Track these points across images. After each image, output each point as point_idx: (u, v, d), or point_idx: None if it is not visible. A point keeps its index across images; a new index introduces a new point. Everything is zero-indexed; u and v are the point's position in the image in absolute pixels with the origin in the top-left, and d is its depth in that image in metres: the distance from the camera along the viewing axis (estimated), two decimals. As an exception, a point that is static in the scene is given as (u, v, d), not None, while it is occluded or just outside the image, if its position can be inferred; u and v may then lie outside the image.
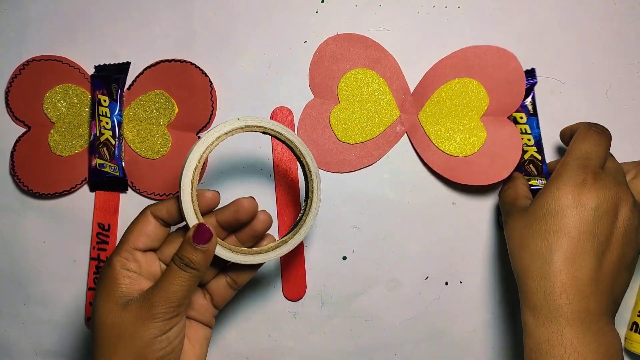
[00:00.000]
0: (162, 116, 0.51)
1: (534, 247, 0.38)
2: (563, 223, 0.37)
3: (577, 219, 0.37)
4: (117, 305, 0.35)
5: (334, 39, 0.51)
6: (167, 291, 0.36)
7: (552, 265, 0.37)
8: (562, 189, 0.38)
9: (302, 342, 0.51)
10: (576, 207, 0.37)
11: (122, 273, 0.36)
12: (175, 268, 0.36)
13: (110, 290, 0.36)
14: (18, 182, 0.51)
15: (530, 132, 0.50)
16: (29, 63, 0.52)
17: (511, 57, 0.51)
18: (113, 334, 0.35)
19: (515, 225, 0.41)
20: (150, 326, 0.35)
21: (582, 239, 0.37)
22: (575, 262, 0.36)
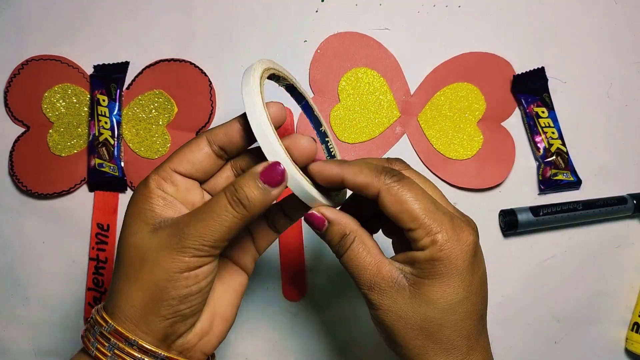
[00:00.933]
0: (162, 116, 0.51)
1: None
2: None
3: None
4: (147, 225, 0.31)
5: (336, 37, 0.51)
6: (205, 225, 0.30)
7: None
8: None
9: (302, 343, 0.51)
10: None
11: (156, 192, 0.32)
12: (224, 201, 0.30)
13: (142, 209, 0.31)
14: (17, 182, 0.51)
15: (553, 125, 0.51)
16: (28, 62, 0.51)
17: (507, 65, 0.51)
18: (137, 257, 0.31)
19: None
20: (177, 259, 0.30)
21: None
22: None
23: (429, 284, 0.30)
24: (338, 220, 0.33)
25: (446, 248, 0.30)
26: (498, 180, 0.51)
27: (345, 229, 0.32)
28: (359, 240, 0.32)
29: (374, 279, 0.31)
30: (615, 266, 0.52)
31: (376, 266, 0.32)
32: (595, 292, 0.52)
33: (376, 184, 0.31)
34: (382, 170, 0.31)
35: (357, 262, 0.32)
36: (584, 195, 0.52)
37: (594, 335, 0.52)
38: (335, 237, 0.33)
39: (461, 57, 0.51)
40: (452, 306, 0.30)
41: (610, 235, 0.52)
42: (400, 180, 0.31)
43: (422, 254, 0.30)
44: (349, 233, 0.32)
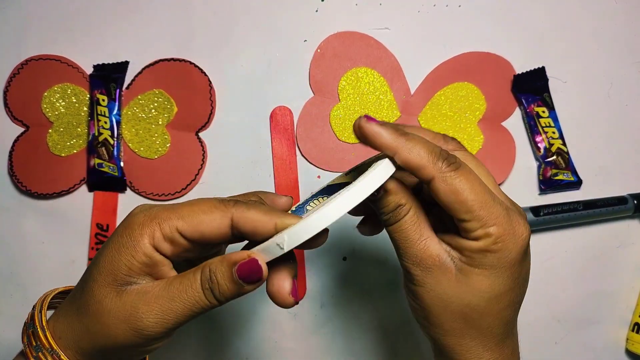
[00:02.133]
0: (161, 116, 0.51)
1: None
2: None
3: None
4: (115, 282, 0.29)
5: (336, 37, 0.51)
6: (172, 307, 0.28)
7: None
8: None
9: (302, 343, 0.51)
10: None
11: (144, 253, 0.28)
12: (198, 285, 0.29)
13: (119, 262, 0.28)
14: (16, 182, 0.51)
15: (554, 125, 0.51)
16: (28, 62, 0.51)
17: (507, 65, 0.51)
18: (97, 309, 0.29)
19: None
20: (131, 339, 0.28)
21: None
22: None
23: (478, 273, 0.30)
24: (396, 190, 0.31)
25: (501, 241, 0.29)
26: (498, 180, 0.51)
27: (402, 199, 0.31)
28: (413, 212, 0.31)
29: (421, 254, 0.30)
30: (615, 266, 0.52)
31: (425, 242, 0.31)
32: (596, 292, 0.52)
33: (431, 170, 0.29)
34: (440, 154, 0.29)
35: (407, 234, 0.31)
36: (584, 195, 0.52)
37: (594, 335, 0.52)
38: (391, 205, 0.31)
39: (461, 57, 0.51)
40: (498, 296, 0.30)
41: (610, 235, 0.52)
42: (457, 169, 0.29)
43: (475, 244, 0.29)
44: (405, 204, 0.31)
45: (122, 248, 0.29)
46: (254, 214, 0.29)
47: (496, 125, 0.52)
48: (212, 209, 0.29)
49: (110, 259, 0.29)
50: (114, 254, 0.29)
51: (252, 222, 0.29)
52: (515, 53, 0.52)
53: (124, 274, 0.29)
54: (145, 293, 0.29)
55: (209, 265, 0.29)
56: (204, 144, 0.51)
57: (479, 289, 0.30)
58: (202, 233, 0.29)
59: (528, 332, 0.52)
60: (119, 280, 0.29)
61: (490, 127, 0.51)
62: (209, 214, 0.29)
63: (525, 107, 0.51)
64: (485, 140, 0.51)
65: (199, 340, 0.51)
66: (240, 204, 0.29)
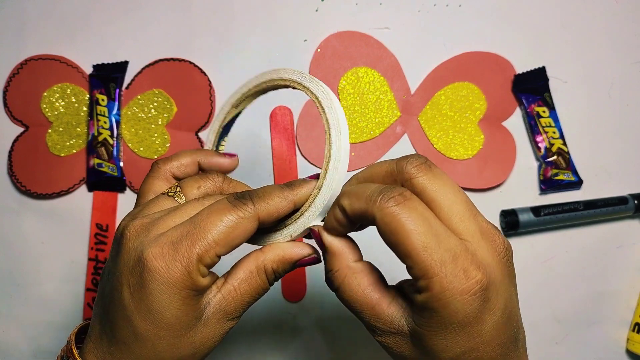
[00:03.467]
0: (161, 115, 0.51)
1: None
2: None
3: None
4: (189, 326, 0.28)
5: (336, 36, 0.51)
6: (245, 303, 0.30)
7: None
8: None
9: (302, 343, 0.51)
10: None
11: (203, 283, 0.28)
12: (266, 283, 0.30)
13: (191, 312, 0.28)
14: (16, 182, 0.51)
15: (554, 125, 0.51)
16: (27, 62, 0.51)
17: (508, 65, 0.51)
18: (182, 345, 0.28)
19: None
20: (219, 337, 0.30)
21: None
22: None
23: (427, 335, 0.26)
24: (333, 250, 0.29)
25: (443, 297, 0.24)
26: (499, 180, 0.51)
27: (335, 263, 0.29)
28: (350, 277, 0.28)
29: (373, 322, 0.28)
30: (616, 266, 0.52)
31: (373, 309, 0.28)
32: (596, 292, 0.52)
33: (370, 209, 0.26)
34: (380, 191, 0.26)
35: (352, 303, 0.28)
36: (585, 195, 0.52)
37: (594, 335, 0.52)
38: (327, 267, 0.29)
39: (462, 57, 0.51)
40: (458, 357, 0.26)
41: (611, 235, 0.52)
42: (400, 204, 0.25)
43: (420, 298, 0.25)
44: (337, 270, 0.29)
45: (183, 299, 0.27)
46: (275, 203, 0.29)
47: (496, 125, 0.51)
48: (241, 222, 0.28)
49: (175, 313, 0.27)
50: (178, 308, 0.27)
51: (276, 213, 0.29)
52: (516, 53, 0.51)
53: (195, 313, 0.28)
54: (224, 307, 0.29)
55: (272, 266, 0.30)
56: (204, 144, 0.51)
57: (434, 352, 0.26)
58: (237, 245, 0.29)
59: (528, 332, 0.52)
60: (195, 319, 0.28)
61: (491, 127, 0.51)
62: (240, 227, 0.28)
63: (525, 107, 0.51)
64: (486, 140, 0.51)
65: (199, 341, 0.51)
66: (257, 200, 0.29)
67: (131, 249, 0.28)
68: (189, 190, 0.31)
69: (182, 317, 0.27)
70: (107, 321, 0.29)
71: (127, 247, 0.28)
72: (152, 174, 0.33)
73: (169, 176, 0.33)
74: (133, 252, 0.28)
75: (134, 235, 0.28)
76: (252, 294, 0.30)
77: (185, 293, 0.27)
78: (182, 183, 0.32)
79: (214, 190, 0.32)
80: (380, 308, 0.27)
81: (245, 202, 0.28)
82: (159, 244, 0.27)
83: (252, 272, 0.30)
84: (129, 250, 0.28)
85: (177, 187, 0.31)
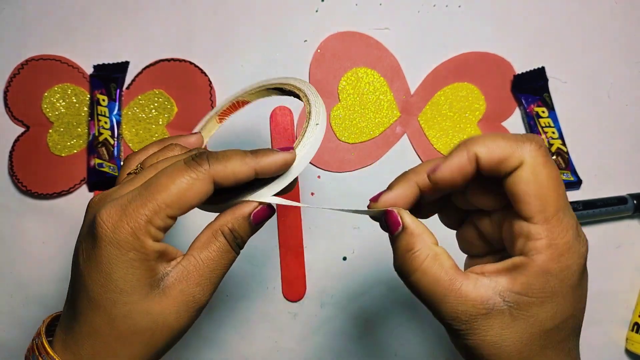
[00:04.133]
0: (161, 116, 0.51)
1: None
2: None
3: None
4: (147, 290, 0.28)
5: (336, 37, 0.51)
6: (212, 273, 0.29)
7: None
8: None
9: (302, 343, 0.51)
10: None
11: (155, 247, 0.27)
12: (227, 245, 0.30)
13: (142, 277, 0.27)
14: (17, 182, 0.51)
15: (554, 125, 0.51)
16: (28, 62, 0.51)
17: (507, 65, 0.52)
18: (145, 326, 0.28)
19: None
20: (187, 318, 0.29)
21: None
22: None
23: (538, 303, 0.25)
24: (413, 229, 0.27)
25: (564, 260, 0.24)
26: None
27: (414, 242, 0.27)
28: (433, 258, 0.26)
29: (457, 306, 0.25)
30: (615, 266, 0.52)
31: (458, 292, 0.25)
32: (596, 292, 0.52)
33: (518, 154, 0.24)
34: (524, 138, 0.25)
35: (431, 288, 0.26)
36: (584, 195, 0.52)
37: (594, 335, 0.52)
38: (404, 248, 0.27)
39: (461, 57, 0.51)
40: (559, 326, 0.25)
41: (610, 235, 0.52)
42: (548, 155, 0.25)
43: (533, 264, 0.24)
44: (420, 249, 0.27)
45: (131, 261, 0.27)
46: (233, 166, 0.28)
47: (496, 125, 0.52)
48: (194, 183, 0.27)
49: (122, 275, 0.27)
50: (125, 270, 0.27)
51: (232, 176, 0.28)
52: (515, 53, 0.52)
53: (149, 279, 0.28)
54: (186, 277, 0.29)
55: (227, 226, 0.30)
56: (204, 144, 0.51)
57: (538, 322, 0.25)
58: (190, 207, 0.28)
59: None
60: (149, 286, 0.28)
61: (490, 127, 0.51)
62: (193, 189, 0.27)
63: (525, 107, 0.51)
64: (485, 140, 0.51)
65: (199, 341, 0.51)
66: (214, 161, 0.28)
67: (88, 216, 0.29)
68: (149, 164, 0.31)
69: (132, 281, 0.27)
70: (70, 297, 0.29)
71: (86, 216, 0.30)
72: (123, 166, 0.33)
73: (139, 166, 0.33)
74: (89, 218, 0.29)
75: (94, 203, 0.30)
76: (214, 260, 0.29)
77: (132, 254, 0.27)
78: (144, 161, 0.32)
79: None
80: (468, 289, 0.25)
81: (201, 162, 0.28)
82: (110, 206, 0.27)
83: (208, 237, 0.30)
84: (86, 217, 0.29)
85: (139, 165, 0.32)
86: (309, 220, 0.51)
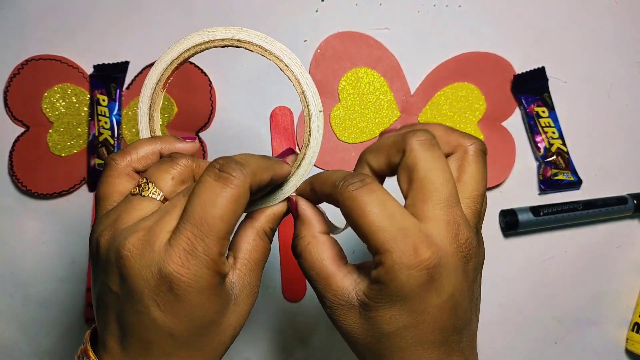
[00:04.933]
0: (161, 116, 0.51)
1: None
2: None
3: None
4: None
5: (336, 37, 0.51)
6: (262, 268, 0.31)
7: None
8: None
9: (302, 343, 0.51)
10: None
11: (225, 270, 0.28)
12: (269, 244, 0.31)
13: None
14: (17, 182, 0.51)
15: (554, 125, 0.51)
16: (28, 62, 0.51)
17: (507, 65, 0.51)
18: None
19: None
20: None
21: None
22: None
23: (374, 307, 0.27)
24: (303, 217, 0.31)
25: (392, 271, 0.26)
26: (498, 180, 0.51)
27: (302, 229, 0.30)
28: (314, 245, 0.30)
29: (324, 292, 0.29)
30: (615, 266, 0.52)
31: (326, 279, 0.29)
32: (596, 292, 0.52)
33: (334, 193, 0.28)
34: (343, 177, 0.28)
35: (309, 271, 0.30)
36: (584, 195, 0.52)
37: (594, 335, 0.52)
38: (295, 233, 0.31)
39: (461, 57, 0.51)
40: (398, 332, 0.27)
41: (610, 235, 0.52)
42: (359, 189, 0.27)
43: (374, 272, 0.27)
44: (303, 236, 0.30)
45: (216, 298, 0.27)
46: (261, 173, 0.28)
47: (496, 125, 0.52)
48: (238, 200, 0.26)
49: (212, 313, 0.28)
50: (215, 308, 0.28)
51: (260, 182, 0.28)
52: (515, 53, 0.52)
53: (229, 301, 0.29)
54: (248, 282, 0.30)
55: (269, 226, 0.31)
56: (204, 144, 0.51)
57: (378, 324, 0.27)
58: (238, 221, 0.28)
59: (528, 332, 0.52)
60: (228, 304, 0.29)
61: (490, 127, 0.51)
62: (239, 206, 0.27)
63: (525, 107, 0.51)
64: (485, 140, 0.51)
65: (199, 340, 0.51)
66: (243, 169, 0.27)
67: (143, 269, 0.26)
68: (163, 184, 0.29)
69: (219, 310, 0.28)
70: (136, 342, 0.27)
71: (137, 269, 0.26)
72: (111, 173, 0.30)
73: (131, 172, 0.31)
74: (149, 273, 0.26)
75: (137, 255, 0.26)
76: (262, 258, 0.31)
77: (217, 289, 0.27)
78: (151, 176, 0.29)
79: (187, 176, 0.30)
80: (334, 280, 0.29)
81: (234, 173, 0.26)
82: (174, 258, 0.25)
83: (255, 240, 0.30)
84: (140, 271, 0.26)
85: (147, 182, 0.29)
86: (309, 220, 0.51)
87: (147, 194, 0.29)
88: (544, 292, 0.52)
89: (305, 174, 0.32)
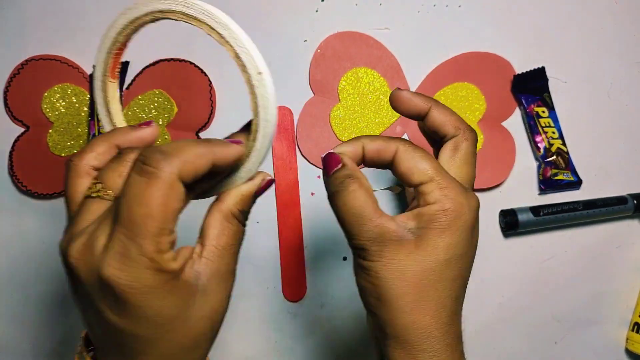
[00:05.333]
0: (161, 116, 0.51)
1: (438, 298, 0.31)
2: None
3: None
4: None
5: (336, 37, 0.51)
6: (235, 253, 0.30)
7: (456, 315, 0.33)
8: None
9: (302, 343, 0.51)
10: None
11: (175, 267, 0.27)
12: (240, 226, 0.30)
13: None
14: (17, 182, 0.51)
15: (554, 125, 0.51)
16: (28, 62, 0.51)
17: (507, 65, 0.51)
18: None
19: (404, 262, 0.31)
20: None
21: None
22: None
23: (436, 233, 0.30)
24: (352, 166, 0.32)
25: (457, 201, 0.30)
26: (498, 180, 0.51)
27: (356, 173, 0.32)
28: (362, 187, 0.31)
29: (378, 230, 0.30)
30: (615, 266, 0.52)
31: (381, 219, 0.30)
32: (596, 292, 0.52)
33: (392, 146, 0.32)
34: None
35: (361, 210, 0.31)
36: (584, 195, 0.52)
37: (594, 335, 0.52)
38: (345, 175, 0.32)
39: (461, 57, 0.51)
40: (452, 260, 0.30)
41: (610, 235, 0.52)
42: (413, 144, 0.32)
43: (432, 206, 0.30)
44: (358, 178, 0.32)
45: (168, 295, 0.26)
46: (193, 162, 0.26)
47: (496, 126, 0.52)
48: (167, 193, 0.25)
49: (167, 309, 0.27)
50: (169, 304, 0.26)
51: (194, 172, 0.26)
52: (515, 53, 0.52)
53: (190, 294, 0.27)
54: (217, 270, 0.28)
55: (237, 208, 0.30)
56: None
57: (436, 250, 0.30)
58: (178, 213, 0.26)
59: (528, 332, 0.52)
60: (193, 296, 0.27)
61: (490, 127, 0.51)
62: (171, 200, 0.25)
63: (525, 107, 0.51)
64: (485, 140, 0.51)
65: (199, 340, 0.51)
66: (167, 158, 0.25)
67: (87, 275, 0.26)
68: (112, 183, 0.28)
69: (179, 304, 0.27)
70: (109, 346, 0.28)
71: (82, 275, 0.26)
72: (70, 174, 0.29)
73: (89, 170, 0.29)
74: (92, 278, 0.26)
75: (81, 261, 0.26)
76: (232, 242, 0.29)
77: (169, 286, 0.26)
78: (100, 176, 0.28)
79: None
80: (386, 219, 0.31)
81: (156, 165, 0.25)
82: (111, 262, 0.25)
83: (222, 224, 0.29)
84: (86, 277, 0.26)
85: (98, 184, 0.28)
86: (309, 220, 0.51)
87: (96, 195, 0.28)
88: (544, 292, 0.52)
89: (264, 147, 0.29)
